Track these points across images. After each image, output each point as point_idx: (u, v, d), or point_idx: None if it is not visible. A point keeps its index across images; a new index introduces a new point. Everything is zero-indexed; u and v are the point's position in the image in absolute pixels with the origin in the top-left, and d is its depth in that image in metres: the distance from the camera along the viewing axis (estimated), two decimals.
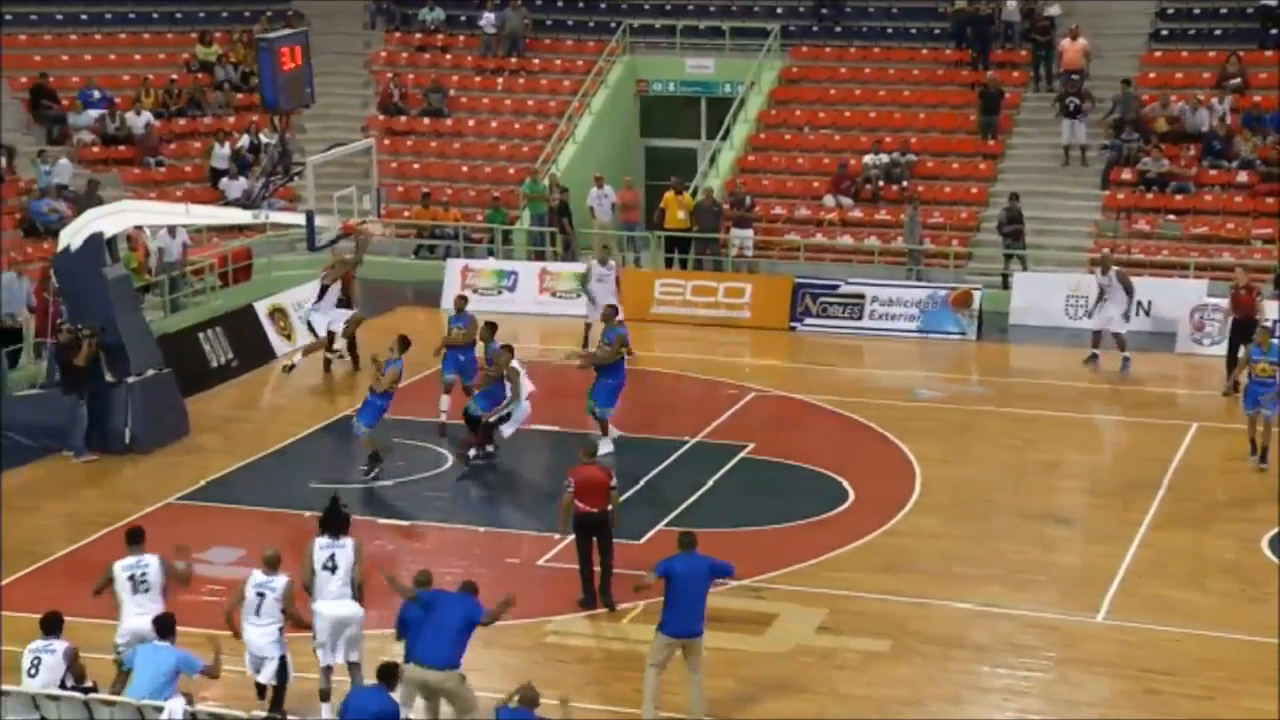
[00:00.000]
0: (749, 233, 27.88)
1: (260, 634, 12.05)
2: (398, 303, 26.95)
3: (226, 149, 29.76)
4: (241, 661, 12.40)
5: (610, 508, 14.09)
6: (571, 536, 14.39)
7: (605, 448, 18.32)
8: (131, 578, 12.08)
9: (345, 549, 12.36)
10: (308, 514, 16.82)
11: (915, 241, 26.96)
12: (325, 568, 12.30)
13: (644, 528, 16.25)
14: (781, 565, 15.68)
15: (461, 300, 20.88)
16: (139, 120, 29.94)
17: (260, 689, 12.20)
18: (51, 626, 11.60)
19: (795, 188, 29.56)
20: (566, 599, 14.45)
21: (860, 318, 25.36)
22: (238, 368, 22.69)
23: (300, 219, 20.70)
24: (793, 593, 15.07)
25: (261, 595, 12.06)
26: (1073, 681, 13.37)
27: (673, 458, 18.88)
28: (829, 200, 28.93)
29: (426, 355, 20.73)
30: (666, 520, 16.60)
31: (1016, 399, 21.50)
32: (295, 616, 12.06)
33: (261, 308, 24.24)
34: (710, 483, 18.08)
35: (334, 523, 12.50)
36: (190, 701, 11.44)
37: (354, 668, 12.43)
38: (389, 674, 10.97)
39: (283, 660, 12.05)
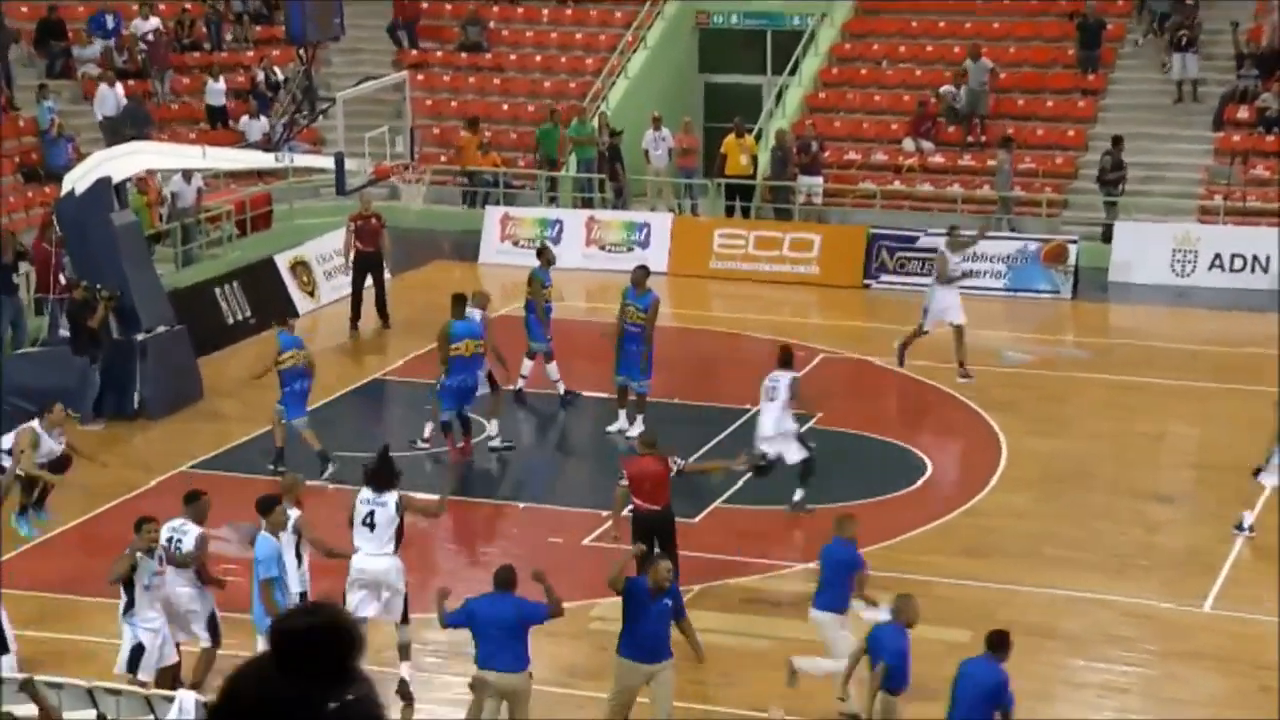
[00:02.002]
0: (818, 179, 27.71)
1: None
2: (432, 255, 26.98)
3: (221, 84, 29.77)
4: (246, 648, 12.49)
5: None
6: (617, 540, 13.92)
7: (637, 428, 18.17)
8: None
9: (387, 506, 12.51)
10: (331, 486, 16.89)
11: (1007, 188, 26.66)
12: (364, 523, 12.54)
13: (698, 507, 16.19)
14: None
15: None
16: (146, 26, 29.64)
17: None
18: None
19: (870, 129, 29.30)
20: None
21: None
22: (256, 325, 22.74)
23: (327, 162, 20.71)
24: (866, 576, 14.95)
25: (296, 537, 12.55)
26: (1177, 677, 13.21)
27: (731, 428, 18.79)
28: (907, 143, 28.66)
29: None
30: (724, 498, 16.52)
31: (1116, 364, 21.28)
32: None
33: (283, 260, 24.31)
34: (772, 454, 17.93)
35: (378, 475, 12.65)
36: (196, 684, 11.58)
37: (403, 643, 12.56)
38: (509, 580, 11.45)
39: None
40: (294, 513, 12.45)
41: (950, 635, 13.82)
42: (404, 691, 12.51)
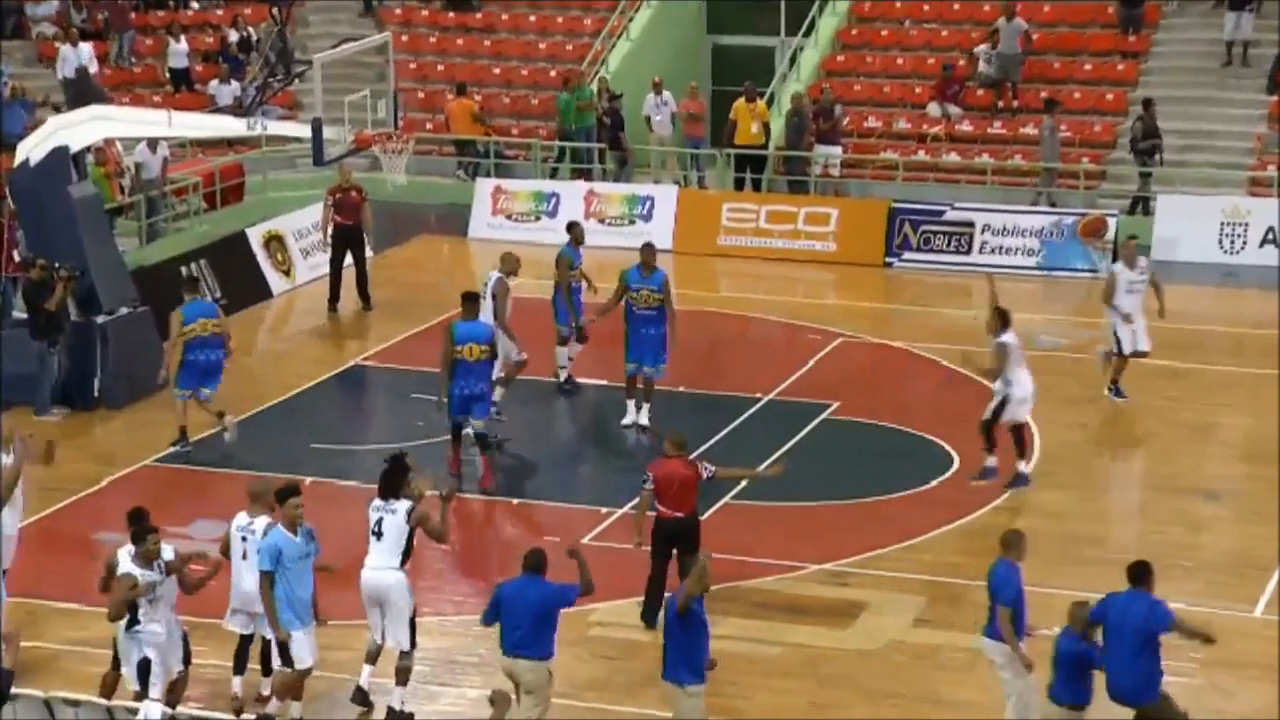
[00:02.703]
0: (836, 149, 27.69)
1: (249, 582, 12.29)
2: (418, 230, 26.98)
3: (184, 45, 29.71)
4: (220, 655, 12.50)
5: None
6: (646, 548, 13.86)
7: (643, 418, 18.19)
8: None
9: (396, 514, 12.44)
10: (309, 480, 16.92)
11: (1052, 158, 26.60)
12: (372, 532, 12.48)
13: (706, 503, 16.16)
14: (872, 546, 15.64)
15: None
16: None
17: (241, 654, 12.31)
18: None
19: (893, 94, 29.27)
20: (614, 583, 14.42)
21: (969, 251, 25.18)
22: (227, 307, 22.66)
23: (303, 130, 20.68)
24: (885, 579, 15.02)
25: (244, 539, 12.32)
26: (1223, 687, 13.22)
27: (741, 418, 18.81)
28: (933, 109, 28.63)
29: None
30: (732, 494, 16.53)
31: (1160, 349, 21.18)
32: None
33: (255, 236, 24.32)
34: (786, 448, 17.97)
35: (388, 481, 12.59)
36: (171, 704, 11.54)
37: (402, 667, 12.49)
38: (538, 564, 11.63)
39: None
40: (262, 521, 12.25)
41: (978, 643, 13.84)
42: (361, 698, 12.51)
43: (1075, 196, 26.49)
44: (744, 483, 16.80)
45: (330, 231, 22.98)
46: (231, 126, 23.15)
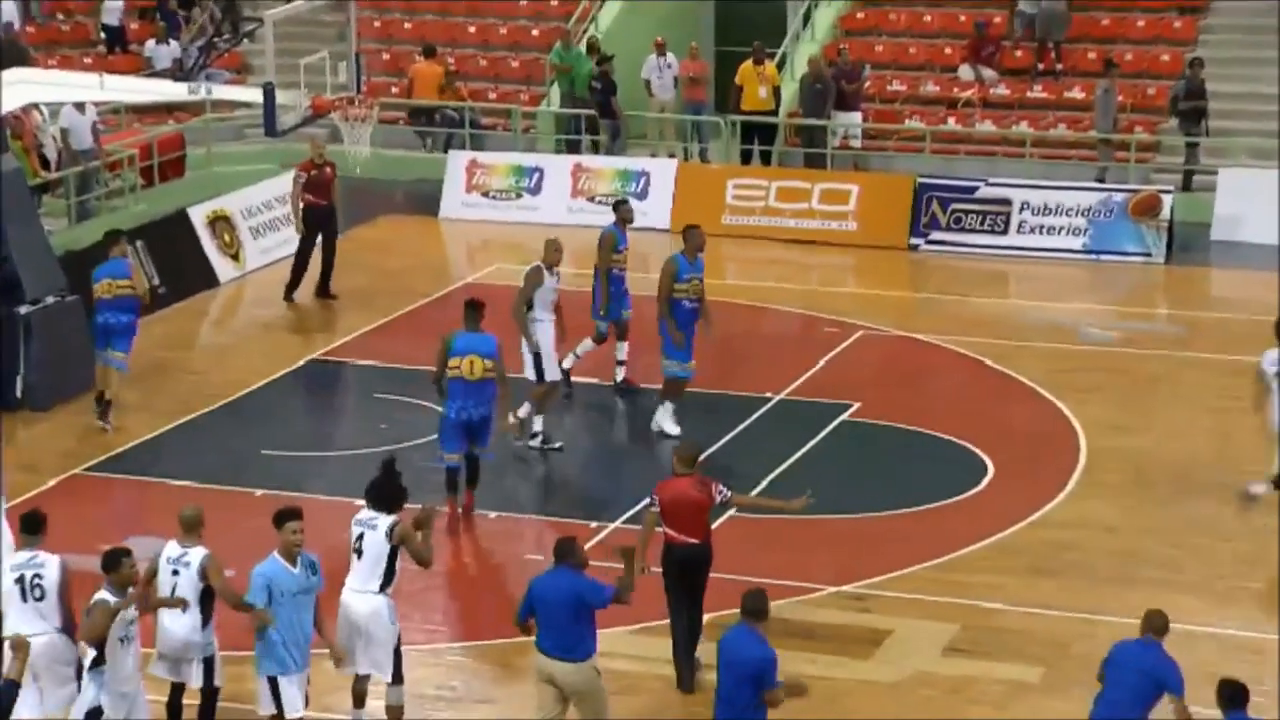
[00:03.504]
0: (856, 116, 27.64)
1: (178, 623, 12.03)
2: (383, 209, 26.92)
3: (119, 1, 29.63)
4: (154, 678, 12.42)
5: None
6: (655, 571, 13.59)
7: (672, 427, 18.17)
8: (20, 580, 12.01)
9: (376, 531, 12.31)
10: (259, 492, 16.84)
11: (1108, 126, 26.54)
12: (353, 550, 12.36)
13: (713, 515, 16.07)
14: (896, 565, 15.59)
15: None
16: None
17: (175, 704, 12.18)
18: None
19: (919, 55, 29.28)
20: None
21: (1005, 231, 25.19)
22: (167, 295, 22.70)
23: (254, 95, 20.63)
24: (911, 602, 14.97)
25: (176, 573, 12.03)
26: None
27: (749, 421, 18.77)
28: (964, 72, 28.59)
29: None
30: None
31: (1221, 342, 21.24)
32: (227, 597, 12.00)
33: (199, 215, 24.25)
34: (800, 454, 17.95)
35: (376, 493, 12.50)
36: None
37: (393, 706, 12.37)
38: (569, 551, 11.69)
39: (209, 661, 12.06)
40: (198, 552, 11.99)
41: (1016, 673, 13.80)
42: None
43: (1126, 170, 26.42)
44: (752, 494, 16.74)
45: (300, 210, 22.80)
46: (172, 92, 23.12)
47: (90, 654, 11.56)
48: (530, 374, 17.80)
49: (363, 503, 12.57)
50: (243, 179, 25.61)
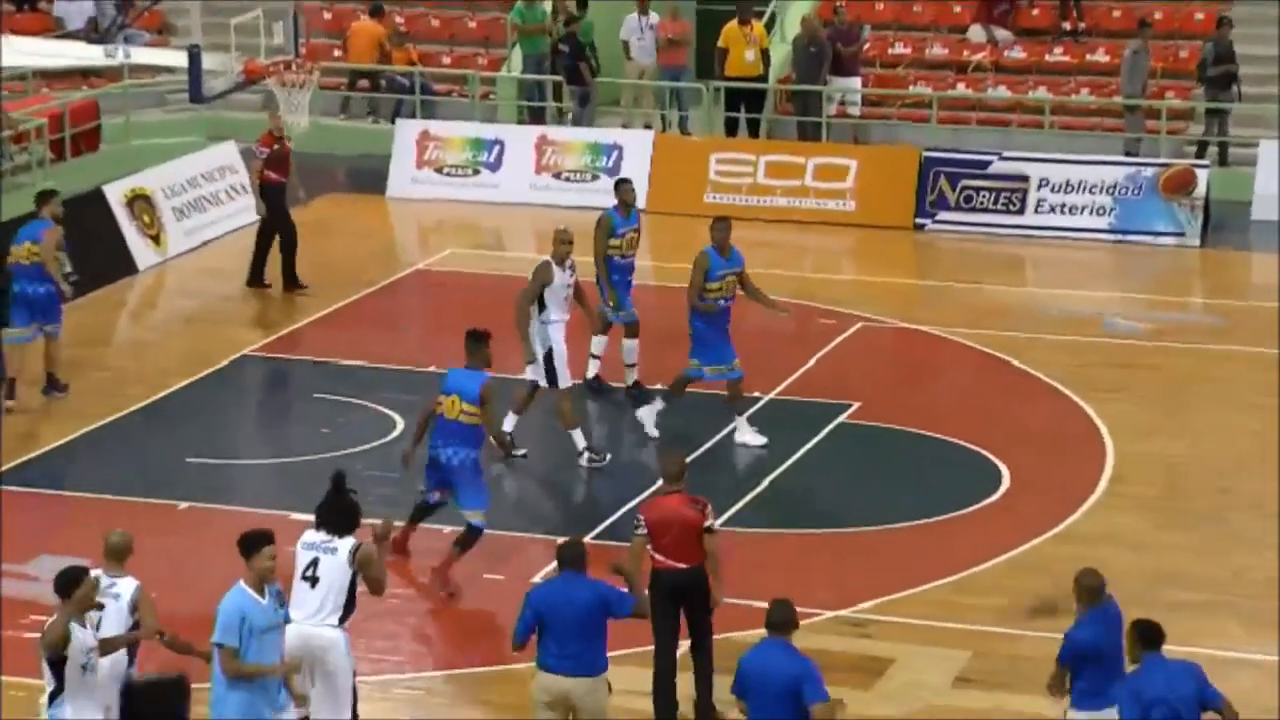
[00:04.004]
0: (855, 81, 27.65)
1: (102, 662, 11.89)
2: (324, 187, 26.84)
3: None
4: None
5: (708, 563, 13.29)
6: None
7: (652, 428, 18.26)
8: None
9: (337, 554, 12.20)
10: (183, 504, 16.78)
11: (1137, 91, 26.56)
12: (304, 577, 12.23)
13: None
14: (900, 586, 15.60)
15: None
16: None
17: None
18: None
19: (925, 14, 29.38)
20: None
21: (1021, 210, 25.25)
22: (80, 284, 22.53)
23: (178, 58, 20.59)
24: (917, 627, 14.97)
25: (102, 605, 11.92)
26: None
27: (734, 424, 18.72)
28: (975, 32, 28.62)
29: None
30: (728, 515, 16.48)
31: (1262, 334, 21.28)
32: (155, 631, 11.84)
33: (115, 193, 24.19)
34: (792, 461, 17.95)
35: (329, 514, 12.38)
36: None
37: None
38: (580, 556, 11.93)
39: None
40: (128, 584, 11.78)
41: (1034, 706, 13.78)
42: None
43: (1157, 142, 26.46)
44: (738, 506, 16.72)
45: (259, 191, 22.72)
46: (85, 54, 23.05)
47: (49, 684, 11.28)
48: (541, 379, 17.78)
49: (302, 517, 12.53)
50: (165, 153, 25.54)
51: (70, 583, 11.15)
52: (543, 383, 17.81)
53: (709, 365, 18.19)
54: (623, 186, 19.75)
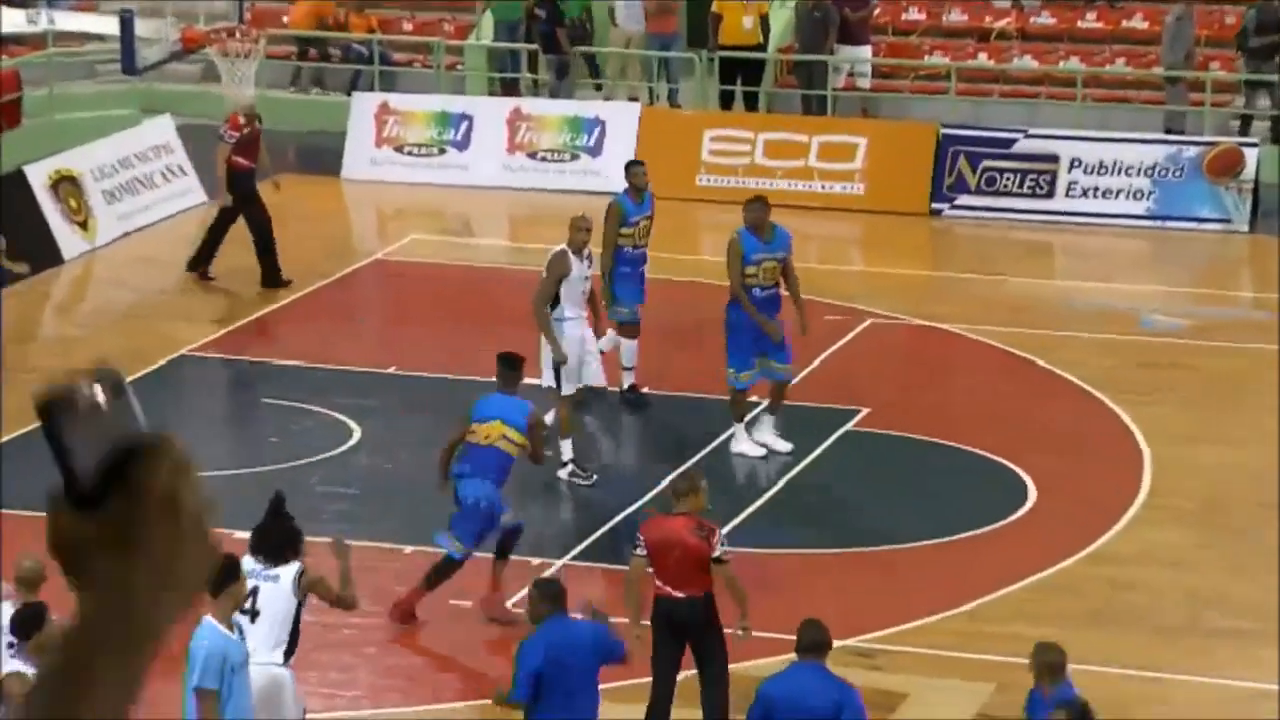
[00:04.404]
0: (865, 50, 27.65)
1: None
2: (273, 168, 26.77)
3: None
4: None
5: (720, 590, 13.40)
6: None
7: (780, 443, 18.17)
8: None
9: (279, 582, 12.24)
10: None
11: (1179, 59, 26.56)
12: (243, 610, 12.14)
13: None
14: (915, 612, 15.63)
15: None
16: None
17: None
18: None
19: None
20: None
21: (1050, 194, 25.28)
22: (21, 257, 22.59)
23: (109, 25, 20.56)
24: (933, 658, 15.00)
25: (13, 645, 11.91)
26: None
27: (731, 431, 18.70)
28: None
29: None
30: (724, 531, 16.38)
31: None
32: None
33: (38, 174, 24.16)
34: (794, 472, 17.99)
35: (266, 540, 12.38)
36: None
37: None
38: (560, 595, 12.07)
39: None
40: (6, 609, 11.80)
41: None
42: None
43: (1201, 117, 26.47)
44: (735, 522, 16.70)
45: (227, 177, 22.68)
46: (5, 20, 22.97)
47: None
48: (547, 381, 17.76)
49: (247, 535, 12.51)
50: (94, 129, 25.49)
51: (33, 624, 11.35)
52: (545, 384, 17.78)
53: (742, 371, 17.98)
54: (634, 169, 19.73)
